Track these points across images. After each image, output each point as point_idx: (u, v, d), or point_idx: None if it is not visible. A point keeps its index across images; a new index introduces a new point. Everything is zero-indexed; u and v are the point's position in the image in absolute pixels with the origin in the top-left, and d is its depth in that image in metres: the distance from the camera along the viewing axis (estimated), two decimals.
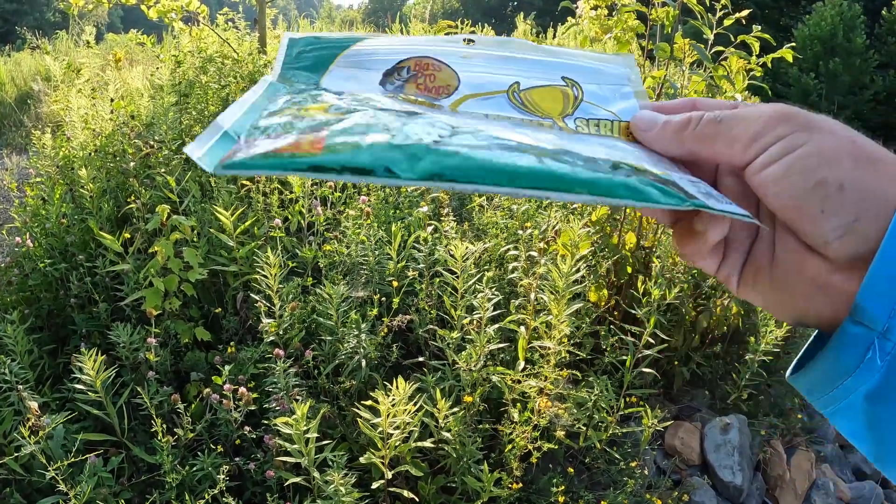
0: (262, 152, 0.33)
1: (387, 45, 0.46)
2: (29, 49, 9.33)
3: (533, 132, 0.39)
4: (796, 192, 0.35)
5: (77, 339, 2.66)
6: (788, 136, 0.35)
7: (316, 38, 0.47)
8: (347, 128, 0.34)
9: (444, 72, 0.45)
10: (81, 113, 3.78)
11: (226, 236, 2.55)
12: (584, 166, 0.34)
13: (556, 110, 0.44)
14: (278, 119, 0.36)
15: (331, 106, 0.37)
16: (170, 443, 1.91)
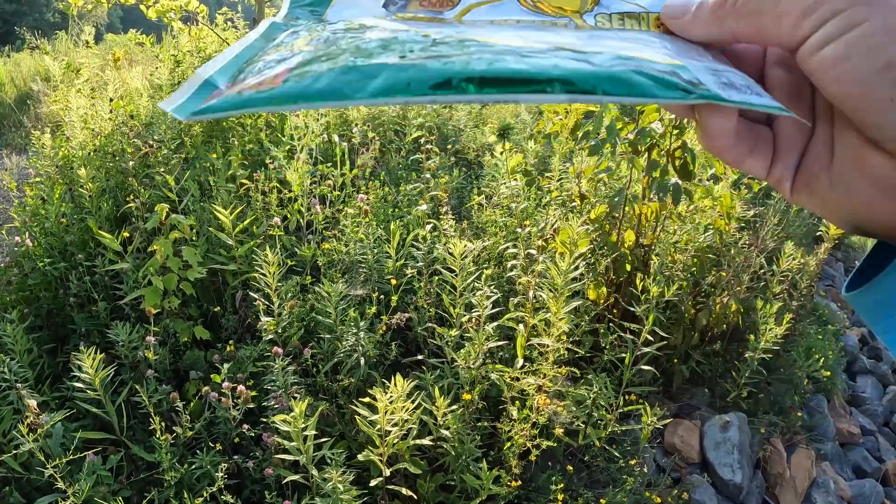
0: (228, 94, 0.31)
1: None
2: (28, 49, 9.33)
3: (536, 33, 0.35)
4: (861, 75, 0.30)
5: (76, 338, 2.66)
6: (848, 9, 0.30)
7: None
8: (315, 57, 0.32)
9: None
10: (81, 113, 3.78)
11: (225, 235, 2.55)
12: (569, 58, 0.30)
13: (574, 5, 0.39)
14: (265, 58, 0.34)
15: (315, 37, 0.35)
16: (168, 441, 1.91)
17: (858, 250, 7.37)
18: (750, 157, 0.37)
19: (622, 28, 0.38)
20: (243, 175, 3.06)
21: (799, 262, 3.76)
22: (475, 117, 4.79)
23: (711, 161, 2.92)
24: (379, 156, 3.61)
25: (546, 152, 3.84)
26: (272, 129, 3.59)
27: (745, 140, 0.37)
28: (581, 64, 0.30)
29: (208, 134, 3.76)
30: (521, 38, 0.33)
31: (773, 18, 0.32)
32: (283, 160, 2.95)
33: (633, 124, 2.52)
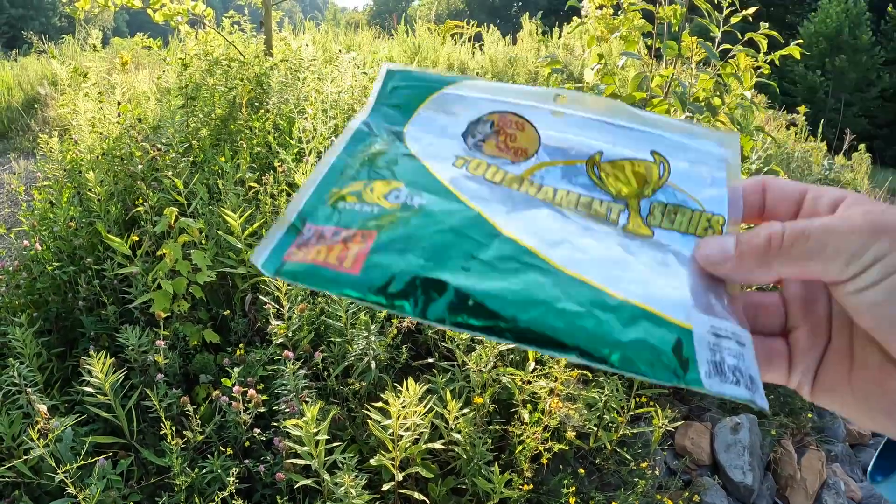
0: (311, 262, 0.36)
1: (477, 92, 0.46)
2: (35, 54, 9.37)
3: (580, 238, 0.38)
4: (894, 317, 0.33)
5: (85, 342, 2.66)
6: (887, 256, 0.33)
7: (412, 73, 0.48)
8: (391, 241, 0.36)
9: (525, 132, 0.44)
10: (88, 116, 3.78)
11: (234, 238, 2.55)
12: (596, 314, 0.34)
13: (633, 190, 0.42)
14: (344, 205, 0.39)
15: (392, 191, 0.39)
16: (179, 445, 1.91)
17: None
18: (766, 370, 0.40)
19: (670, 228, 0.40)
20: (252, 178, 3.05)
21: None
22: None
23: None
24: None
25: None
26: (280, 132, 3.58)
27: (759, 356, 0.38)
28: (602, 326, 0.34)
29: (216, 137, 3.77)
30: (564, 247, 0.37)
31: (821, 263, 0.35)
32: (291, 163, 2.95)
33: None
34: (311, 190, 0.41)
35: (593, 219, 0.40)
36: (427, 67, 6.25)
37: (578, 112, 0.45)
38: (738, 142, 0.44)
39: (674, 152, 0.43)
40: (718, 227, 0.40)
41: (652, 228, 0.40)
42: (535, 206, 0.40)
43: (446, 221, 0.38)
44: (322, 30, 8.45)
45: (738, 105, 2.63)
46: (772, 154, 6.03)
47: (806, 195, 0.40)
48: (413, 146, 0.43)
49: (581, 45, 7.64)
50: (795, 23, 26.34)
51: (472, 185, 0.40)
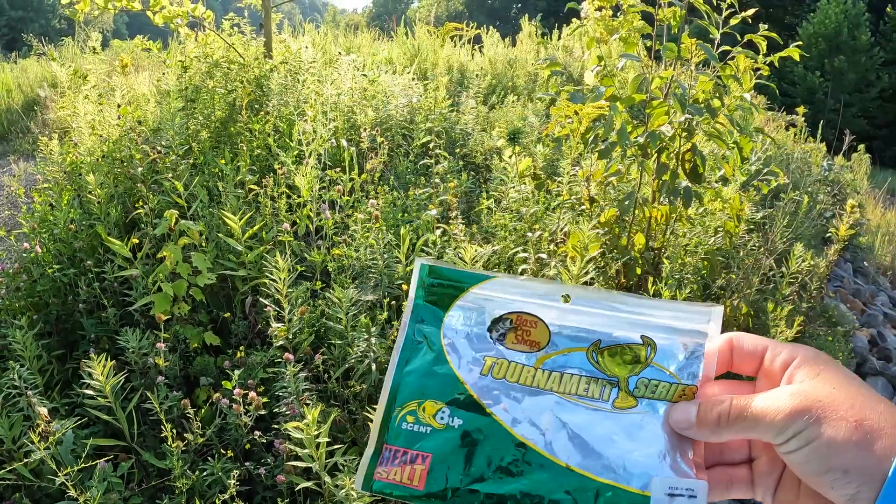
0: (392, 482, 0.53)
1: (499, 293, 0.59)
2: (35, 56, 9.37)
3: (573, 416, 0.53)
4: (812, 473, 0.46)
5: (86, 345, 2.66)
6: (803, 431, 0.46)
7: (444, 271, 0.60)
8: (440, 461, 0.53)
9: (538, 328, 0.57)
10: (88, 119, 3.79)
11: (234, 241, 2.55)
12: None
13: (624, 371, 0.55)
14: (405, 424, 0.55)
15: (437, 411, 0.54)
16: (180, 448, 1.91)
17: (866, 251, 7.34)
18: (730, 492, 0.55)
19: (652, 398, 0.54)
20: (252, 180, 3.05)
21: (808, 263, 3.74)
22: (482, 121, 4.79)
23: (720, 163, 2.91)
24: (387, 160, 3.61)
25: (555, 156, 3.83)
26: (280, 135, 3.59)
27: (721, 482, 0.54)
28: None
29: (216, 139, 3.77)
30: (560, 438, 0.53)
31: (757, 433, 0.49)
32: (291, 165, 2.95)
33: (642, 127, 2.51)
34: (382, 414, 0.56)
35: (588, 399, 0.54)
36: (427, 70, 6.25)
37: (582, 302, 0.58)
38: (721, 315, 0.56)
39: (661, 333, 0.56)
40: (691, 393, 0.54)
41: (637, 399, 0.54)
42: (544, 395, 0.54)
43: (477, 438, 0.53)
44: (321, 32, 8.45)
45: (738, 107, 2.63)
46: (771, 155, 6.03)
47: (766, 353, 0.53)
48: (452, 357, 0.57)
49: (581, 47, 7.64)
50: (794, 24, 26.36)
51: (496, 392, 0.55)
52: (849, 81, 23.46)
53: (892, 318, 5.57)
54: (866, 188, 9.47)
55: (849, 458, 0.45)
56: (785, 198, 4.30)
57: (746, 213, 3.20)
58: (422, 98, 4.33)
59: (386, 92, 4.27)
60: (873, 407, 0.47)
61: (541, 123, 4.60)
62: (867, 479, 0.44)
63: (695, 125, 2.52)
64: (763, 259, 3.83)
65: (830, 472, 0.45)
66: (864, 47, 23.66)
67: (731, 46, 2.68)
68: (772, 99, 9.82)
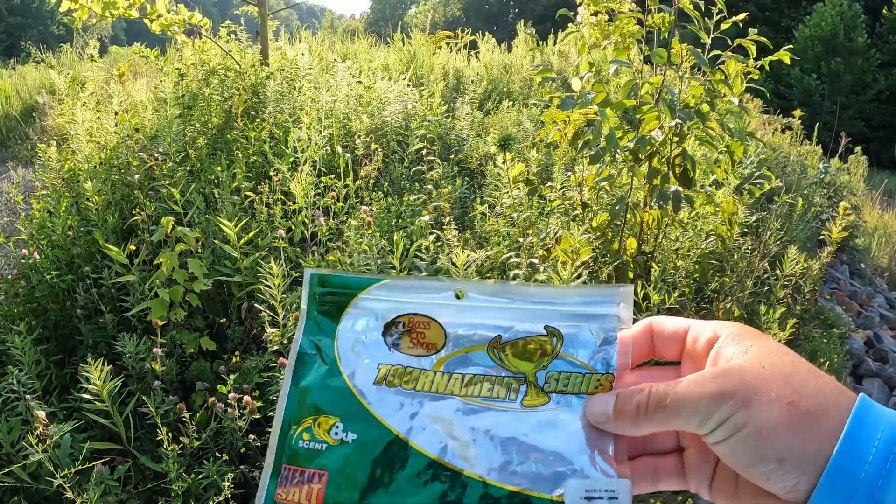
0: (290, 501, 0.49)
1: (390, 296, 0.55)
2: (34, 62, 9.40)
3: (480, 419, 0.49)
4: (744, 465, 0.41)
5: (84, 350, 2.68)
6: (729, 418, 0.41)
7: (333, 278, 0.57)
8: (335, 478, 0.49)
9: (432, 329, 0.53)
10: (86, 126, 3.81)
11: (230, 247, 2.58)
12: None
13: (531, 366, 0.51)
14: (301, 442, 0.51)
15: (332, 426, 0.51)
16: (176, 451, 1.93)
17: (863, 252, 7.37)
18: (658, 484, 0.50)
19: (565, 391, 0.50)
20: (248, 187, 3.08)
21: (802, 266, 3.77)
22: (477, 127, 4.82)
23: (713, 167, 2.94)
24: (382, 167, 3.63)
25: (548, 161, 3.86)
26: (276, 142, 3.62)
27: (647, 474, 0.50)
28: None
29: (213, 146, 3.80)
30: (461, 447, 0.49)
31: (679, 424, 0.43)
32: (287, 172, 2.98)
33: (633, 133, 2.54)
34: (278, 432, 0.52)
35: (494, 400, 0.50)
36: (423, 76, 6.29)
37: (479, 298, 0.54)
38: (631, 294, 0.52)
39: (567, 321, 0.52)
40: (608, 383, 0.50)
41: (549, 395, 0.50)
42: (445, 399, 0.51)
43: (373, 452, 0.49)
44: (318, 38, 8.49)
45: (728, 111, 2.66)
46: (766, 158, 6.06)
47: (686, 335, 0.49)
48: (345, 367, 0.53)
49: (576, 52, 7.68)
50: (791, 26, 26.43)
51: (392, 401, 0.51)
52: (845, 83, 23.52)
53: (888, 319, 5.60)
54: (863, 190, 9.49)
55: (783, 445, 0.39)
56: (779, 201, 4.33)
57: (739, 216, 3.23)
58: (417, 104, 4.36)
59: (381, 98, 4.30)
60: (811, 384, 0.41)
61: (535, 129, 4.63)
62: (806, 468, 0.39)
63: (685, 130, 2.54)
64: (756, 262, 3.86)
65: (764, 461, 0.40)
66: (860, 49, 23.73)
67: (724, 51, 2.70)
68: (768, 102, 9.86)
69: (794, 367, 0.42)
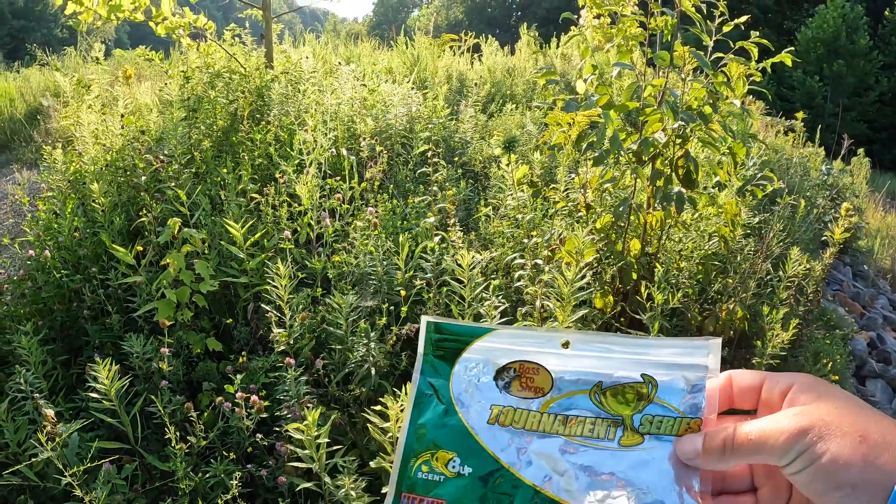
0: None
1: (501, 344, 0.62)
2: (38, 65, 9.44)
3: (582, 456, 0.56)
4: (820, 492, 0.47)
5: (90, 350, 2.70)
6: (808, 450, 0.47)
7: (449, 326, 0.64)
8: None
9: (541, 375, 0.61)
10: (92, 128, 3.84)
11: (236, 248, 2.59)
12: None
13: (628, 409, 0.58)
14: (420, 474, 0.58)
15: (449, 461, 0.58)
16: (183, 450, 1.95)
17: (866, 254, 7.37)
18: None
19: (657, 433, 0.56)
20: (253, 189, 3.10)
21: (805, 267, 3.77)
22: (481, 129, 4.84)
23: (715, 169, 2.95)
24: (387, 169, 3.65)
25: (552, 163, 3.87)
26: (281, 144, 3.64)
27: None
28: None
29: (218, 149, 3.82)
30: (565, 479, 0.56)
31: (761, 457, 0.50)
32: (292, 174, 2.99)
33: (636, 135, 2.55)
34: (399, 464, 0.60)
35: (594, 439, 0.57)
36: (426, 79, 6.30)
37: (582, 347, 0.61)
38: (719, 346, 0.58)
39: (661, 370, 0.59)
40: (696, 426, 0.55)
41: (643, 435, 0.56)
42: (551, 438, 0.58)
43: (486, 484, 0.56)
44: (322, 41, 8.52)
45: (730, 113, 2.68)
46: (767, 160, 6.07)
47: (763, 385, 0.55)
48: (461, 408, 0.61)
49: (579, 55, 7.70)
50: (793, 28, 26.42)
51: (502, 437, 0.58)
52: (848, 85, 23.50)
53: (891, 320, 5.60)
54: (866, 192, 9.49)
55: (855, 473, 0.45)
56: (781, 202, 4.33)
57: (742, 217, 3.24)
58: (421, 107, 4.38)
59: (385, 101, 4.32)
60: (876, 422, 0.47)
61: (539, 131, 4.65)
62: (876, 493, 0.45)
63: (688, 132, 2.56)
64: (759, 263, 3.86)
65: (839, 489, 0.46)
66: (862, 51, 23.71)
67: (725, 53, 2.72)
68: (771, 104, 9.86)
69: (860, 408, 0.49)
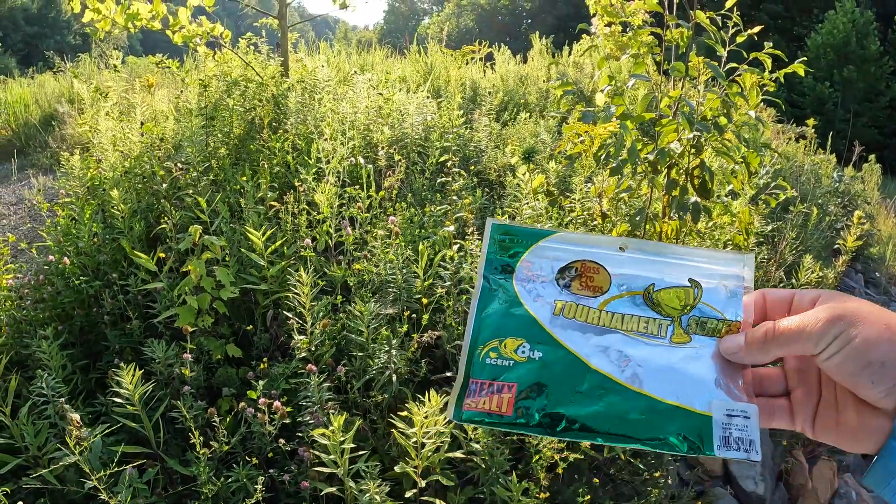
0: (482, 410, 0.59)
1: (564, 245, 0.66)
2: (52, 72, 9.54)
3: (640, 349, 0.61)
4: (853, 371, 0.53)
5: (110, 355, 2.73)
6: (842, 334, 0.53)
7: (514, 227, 0.67)
8: (528, 387, 0.60)
9: (601, 274, 0.65)
10: (110, 135, 3.88)
11: (256, 256, 2.63)
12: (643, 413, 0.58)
13: (677, 310, 0.63)
14: (489, 360, 0.62)
15: (518, 346, 0.62)
16: (206, 455, 1.98)
17: (878, 261, 7.34)
18: (771, 421, 0.62)
19: (702, 334, 0.62)
20: (272, 197, 3.14)
21: (818, 275, 3.78)
22: (495, 138, 4.86)
23: (729, 178, 2.97)
24: (404, 177, 3.68)
25: (567, 172, 3.89)
26: (299, 152, 3.67)
27: (764, 411, 0.61)
28: (653, 426, 0.58)
29: (235, 156, 3.86)
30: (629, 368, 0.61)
31: (799, 345, 0.56)
32: (311, 182, 3.03)
33: (651, 145, 2.58)
34: (467, 352, 0.62)
35: (649, 336, 0.62)
36: (440, 88, 6.34)
37: (636, 254, 0.66)
38: (753, 260, 0.65)
39: (705, 277, 0.64)
40: (736, 328, 0.61)
41: (690, 335, 0.62)
42: (610, 333, 0.62)
43: (557, 368, 0.61)
44: (335, 50, 8.58)
45: (744, 123, 2.70)
46: (780, 168, 6.07)
47: (793, 298, 0.61)
48: (526, 300, 0.64)
49: (591, 64, 7.72)
50: (803, 34, 26.36)
51: (569, 330, 0.62)
52: (858, 91, 23.41)
53: None
54: (877, 198, 9.46)
55: (884, 350, 0.51)
56: (794, 210, 4.34)
57: (756, 226, 3.25)
58: (436, 116, 4.41)
59: (401, 110, 4.36)
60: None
61: (553, 140, 4.67)
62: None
63: (703, 142, 2.58)
64: (773, 271, 3.88)
65: (870, 366, 0.51)
66: (873, 57, 23.63)
67: (739, 63, 2.74)
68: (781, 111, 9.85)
69: (881, 307, 0.55)
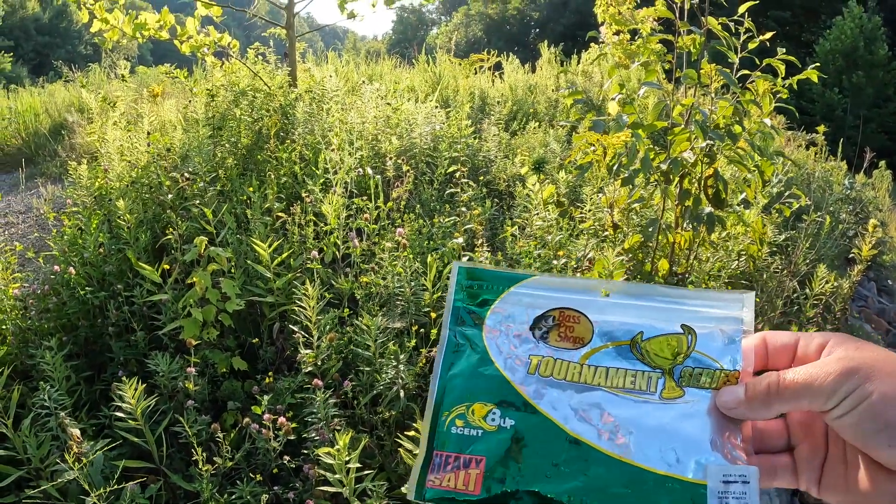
0: (446, 488, 0.52)
1: (539, 292, 0.59)
2: (62, 81, 9.60)
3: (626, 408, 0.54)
4: (868, 432, 0.46)
5: (114, 367, 2.70)
6: (856, 390, 0.46)
7: (482, 272, 0.60)
8: (496, 464, 0.52)
9: (581, 324, 0.57)
10: (117, 145, 3.87)
11: (263, 267, 2.59)
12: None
13: (668, 361, 0.56)
14: (454, 429, 0.54)
15: (488, 413, 0.54)
16: (210, 471, 1.94)
17: (890, 269, 7.25)
18: (773, 480, 0.55)
19: (697, 386, 0.55)
20: (279, 208, 3.11)
21: (832, 284, 3.71)
22: (505, 148, 4.82)
23: (742, 187, 2.92)
24: (412, 188, 3.65)
25: (577, 182, 3.85)
26: (306, 163, 3.64)
27: (765, 470, 0.54)
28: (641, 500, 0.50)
29: (243, 167, 3.84)
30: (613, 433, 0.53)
31: (808, 401, 0.49)
32: (318, 193, 2.99)
33: (663, 154, 2.53)
34: (430, 420, 0.55)
35: (636, 392, 0.55)
36: (448, 97, 6.31)
37: (622, 296, 0.59)
38: (752, 300, 0.57)
39: (700, 322, 0.57)
40: (734, 380, 0.54)
41: (683, 388, 0.55)
42: (592, 390, 0.55)
43: (531, 438, 0.53)
44: (344, 60, 8.58)
45: (758, 131, 2.65)
46: (792, 176, 6.00)
47: (798, 343, 0.54)
48: (497, 357, 0.57)
49: (600, 72, 7.69)
50: (811, 41, 26.27)
51: (546, 388, 0.55)
52: (867, 96, 23.28)
53: None
54: (889, 205, 9.36)
55: None
56: (807, 219, 4.28)
57: (769, 235, 3.20)
58: (445, 126, 4.37)
59: (409, 120, 4.33)
60: None
61: (562, 150, 4.63)
62: None
63: (716, 150, 2.53)
64: (787, 281, 3.81)
65: (887, 427, 0.45)
66: (881, 62, 23.50)
67: (750, 69, 2.69)
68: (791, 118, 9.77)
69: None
